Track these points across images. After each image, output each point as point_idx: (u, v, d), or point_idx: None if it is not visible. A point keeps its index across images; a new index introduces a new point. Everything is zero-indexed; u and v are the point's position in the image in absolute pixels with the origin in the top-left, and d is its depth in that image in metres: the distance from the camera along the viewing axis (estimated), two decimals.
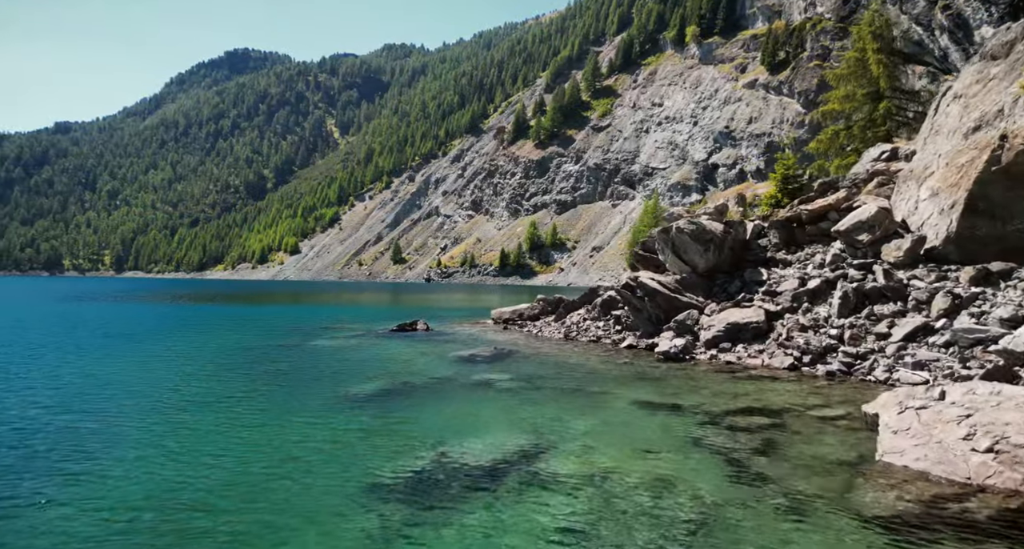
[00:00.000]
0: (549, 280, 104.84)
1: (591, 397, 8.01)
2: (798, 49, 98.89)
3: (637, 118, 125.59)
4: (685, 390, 8.45)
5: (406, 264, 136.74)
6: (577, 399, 7.91)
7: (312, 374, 10.03)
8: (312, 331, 17.45)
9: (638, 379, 9.38)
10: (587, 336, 14.48)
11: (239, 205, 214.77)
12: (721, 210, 14.44)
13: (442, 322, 20.60)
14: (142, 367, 10.95)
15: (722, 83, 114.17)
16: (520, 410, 7.18)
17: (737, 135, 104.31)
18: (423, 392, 8.38)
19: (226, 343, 14.45)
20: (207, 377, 9.86)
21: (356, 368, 10.67)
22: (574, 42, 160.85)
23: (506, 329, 17.73)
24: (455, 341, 14.95)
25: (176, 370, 10.57)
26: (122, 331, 17.75)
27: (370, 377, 9.66)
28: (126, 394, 8.49)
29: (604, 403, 7.63)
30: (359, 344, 14.23)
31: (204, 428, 6.59)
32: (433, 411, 7.18)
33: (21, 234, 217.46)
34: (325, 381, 9.35)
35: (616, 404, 7.55)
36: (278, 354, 12.56)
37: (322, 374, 10.03)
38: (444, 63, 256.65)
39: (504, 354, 12.38)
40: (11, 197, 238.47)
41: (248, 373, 10.21)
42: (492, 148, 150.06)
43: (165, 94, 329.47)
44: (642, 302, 12.94)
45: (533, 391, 8.48)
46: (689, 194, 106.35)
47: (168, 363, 11.37)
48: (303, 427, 6.55)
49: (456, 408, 7.32)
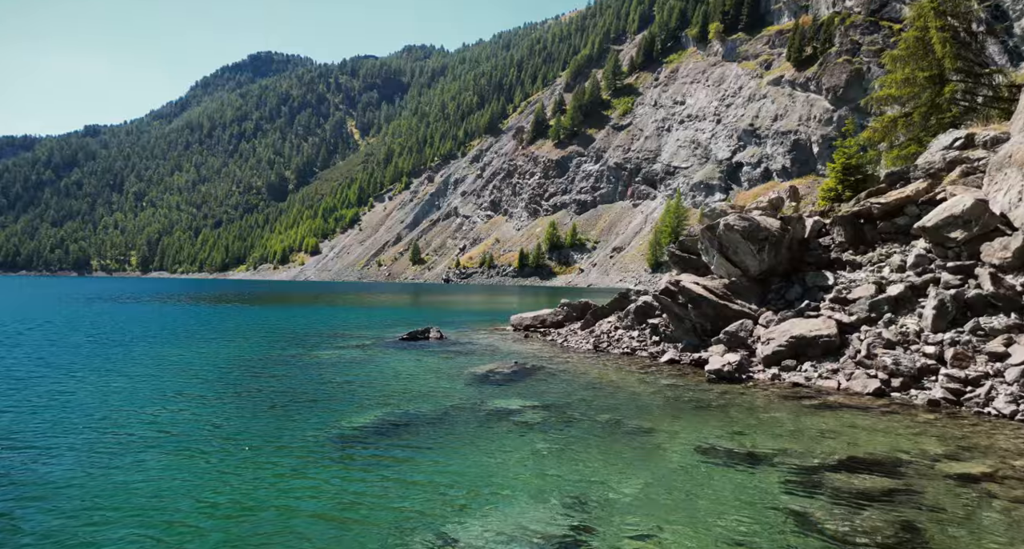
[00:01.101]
0: (569, 281, 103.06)
1: (639, 438, 6.30)
2: (826, 44, 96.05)
3: (659, 116, 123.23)
4: (755, 427, 6.70)
5: (425, 265, 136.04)
6: (621, 441, 6.22)
7: (304, 399, 8.46)
8: (318, 339, 15.92)
9: (691, 408, 7.67)
10: (620, 348, 12.84)
11: (261, 206, 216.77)
12: (775, 204, 12.56)
13: (458, 328, 19.05)
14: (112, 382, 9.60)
15: (746, 80, 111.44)
16: (550, 461, 5.52)
17: (762, 133, 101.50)
18: (427, 430, 6.74)
19: (222, 353, 13.02)
20: (184, 400, 8.42)
21: (355, 391, 9.05)
22: (594, 41, 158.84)
23: (527, 338, 16.04)
24: (470, 352, 13.34)
25: (152, 389, 9.14)
26: (115, 336, 16.54)
27: (368, 404, 8.09)
28: (74, 421, 7.09)
29: (657, 449, 5.92)
30: (364, 357, 12.66)
31: (147, 480, 5.12)
32: (437, 462, 5.57)
33: (51, 235, 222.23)
34: (317, 410, 7.80)
35: (672, 451, 5.83)
36: (274, 369, 11.05)
37: (315, 399, 8.46)
38: (463, 64, 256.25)
39: (526, 371, 10.89)
40: (42, 199, 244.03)
41: (234, 396, 8.75)
42: (511, 148, 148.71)
43: (190, 97, 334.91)
44: (684, 310, 11.23)
45: (564, 427, 6.82)
46: (712, 193, 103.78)
47: (148, 379, 9.97)
48: (270, 487, 5.01)
49: (466, 459, 5.67)
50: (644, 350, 12.32)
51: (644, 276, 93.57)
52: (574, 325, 15.71)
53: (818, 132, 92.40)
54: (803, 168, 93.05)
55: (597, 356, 12.63)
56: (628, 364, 11.57)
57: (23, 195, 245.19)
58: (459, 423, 6.98)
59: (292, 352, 13.28)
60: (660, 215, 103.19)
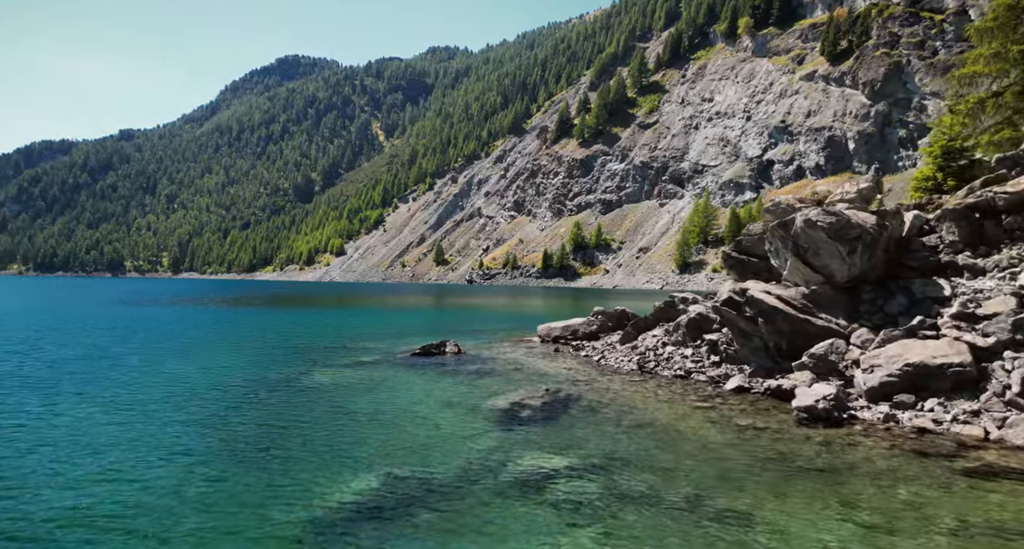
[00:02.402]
0: (593, 282, 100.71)
1: (731, 535, 4.26)
2: (862, 37, 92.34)
3: (686, 114, 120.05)
4: (897, 515, 4.48)
5: (448, 265, 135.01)
6: (709, 539, 4.22)
7: (279, 453, 6.41)
8: (323, 352, 14.09)
9: (791, 473, 5.52)
10: (671, 369, 10.93)
11: (288, 208, 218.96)
12: (867, 195, 10.09)
13: (478, 338, 17.03)
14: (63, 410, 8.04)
15: (777, 76, 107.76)
16: None
17: (794, 130, 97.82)
18: (428, 516, 4.76)
19: (209, 374, 11.20)
20: (137, 442, 6.70)
21: (344, 439, 7.07)
22: (619, 39, 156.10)
23: (557, 352, 14.07)
24: (492, 373, 11.41)
25: (93, 433, 7.21)
26: (110, 347, 15.12)
27: (357, 464, 5.99)
28: None
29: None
30: (368, 380, 10.72)
31: None
32: None
33: (87, 237, 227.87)
34: (290, 474, 5.76)
35: None
36: (261, 397, 9.26)
37: (292, 455, 6.34)
38: (487, 64, 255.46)
39: (560, 404, 9.00)
40: (78, 201, 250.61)
41: (201, 436, 6.95)
42: (535, 148, 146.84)
43: (220, 101, 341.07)
44: (752, 325, 9.22)
45: (621, 510, 4.76)
46: (742, 192, 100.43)
47: (101, 411, 8.20)
48: None
49: None
50: (701, 372, 10.31)
51: (671, 277, 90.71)
52: (611, 338, 13.68)
53: (854, 128, 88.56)
54: (838, 165, 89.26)
55: (644, 379, 10.71)
56: (684, 392, 9.55)
57: (60, 198, 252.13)
58: (472, 502, 4.95)
59: (288, 372, 11.47)
60: (688, 214, 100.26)
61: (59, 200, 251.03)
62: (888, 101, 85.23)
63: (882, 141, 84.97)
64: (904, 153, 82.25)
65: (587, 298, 55.87)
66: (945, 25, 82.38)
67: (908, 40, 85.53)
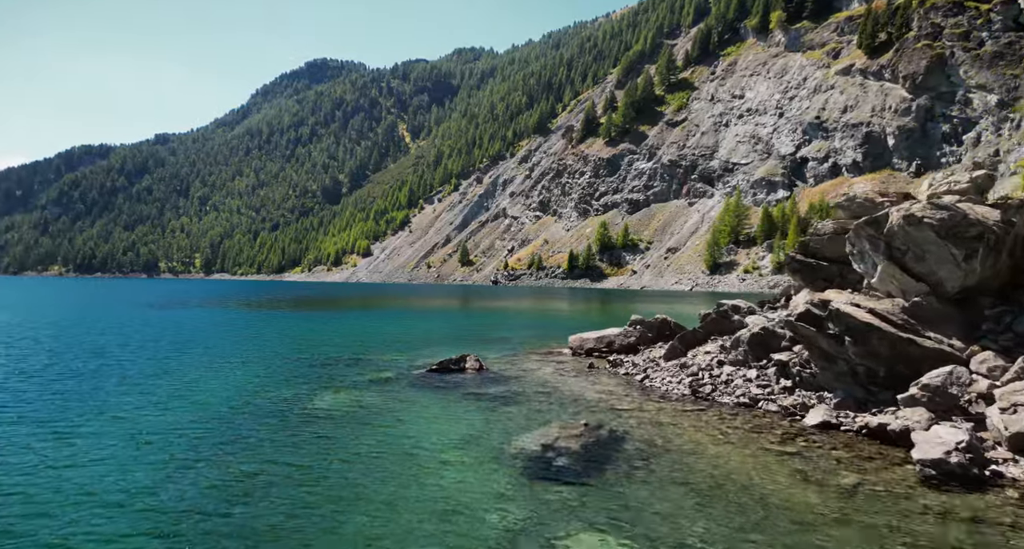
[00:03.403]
0: (620, 283, 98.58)
1: None
2: (902, 29, 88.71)
3: (716, 111, 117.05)
4: None
5: (473, 266, 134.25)
6: None
7: (243, 529, 4.90)
8: (334, 367, 12.64)
9: None
10: (731, 395, 9.26)
11: (316, 209, 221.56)
12: (983, 185, 8.22)
13: (502, 349, 15.49)
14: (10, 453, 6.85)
15: (811, 70, 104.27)
16: None
17: (829, 126, 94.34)
18: None
19: (203, 395, 9.87)
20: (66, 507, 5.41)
21: (332, 504, 5.45)
22: (647, 36, 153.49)
23: (592, 368, 12.40)
24: (518, 398, 9.81)
25: (30, 484, 6.06)
26: (111, 360, 14.14)
27: (348, 541, 4.77)
28: None
29: None
30: (374, 406, 9.19)
31: None
32: None
33: (123, 239, 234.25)
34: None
35: None
36: (243, 433, 7.82)
37: (254, 533, 4.87)
38: (513, 64, 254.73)
39: (605, 446, 7.33)
40: (116, 204, 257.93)
41: (153, 498, 5.58)
42: (560, 147, 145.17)
43: (251, 104, 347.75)
44: (837, 345, 7.62)
45: None
46: (775, 190, 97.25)
47: (51, 449, 7.03)
48: None
49: None
50: (771, 400, 8.65)
51: (701, 278, 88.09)
52: (652, 351, 12.05)
53: (894, 123, 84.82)
54: (877, 162, 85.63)
55: (700, 408, 9.06)
56: (755, 427, 7.91)
57: (99, 201, 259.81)
58: None
59: (288, 394, 10.01)
60: (718, 214, 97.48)
61: (97, 203, 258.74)
62: (930, 95, 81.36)
63: (924, 136, 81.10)
64: (948, 149, 78.30)
65: (615, 300, 54.06)
66: (992, 15, 78.02)
67: (952, 31, 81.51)
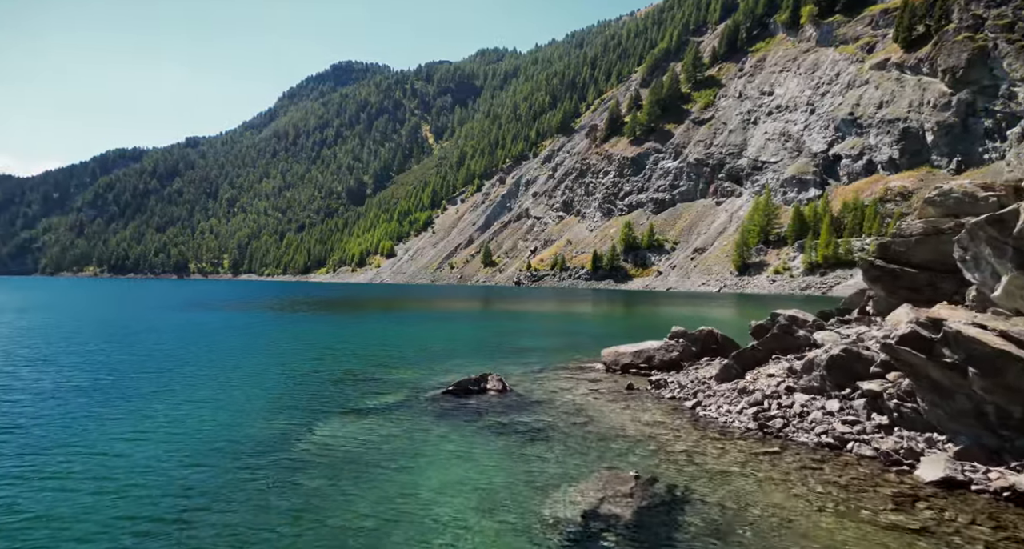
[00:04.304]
0: (646, 284, 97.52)
1: None
2: (941, 21, 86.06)
3: (744, 109, 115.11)
4: None
5: (496, 267, 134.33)
6: None
7: None
8: (343, 385, 11.47)
9: None
10: (809, 432, 7.82)
11: (341, 210, 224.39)
12: None
13: (528, 362, 14.30)
14: None
15: (844, 65, 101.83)
16: None
17: (864, 122, 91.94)
18: None
19: (189, 420, 8.74)
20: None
21: None
22: (672, 33, 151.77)
23: (631, 390, 10.99)
24: (548, 433, 8.31)
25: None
26: (108, 375, 14.17)
27: None
28: None
29: None
30: (380, 444, 7.79)
31: None
32: None
33: (155, 240, 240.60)
34: None
35: None
36: (218, 484, 6.60)
37: None
38: (536, 64, 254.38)
39: (664, 511, 6.00)
40: (148, 206, 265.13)
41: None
42: (584, 147, 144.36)
43: (278, 107, 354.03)
44: (957, 377, 6.64)
45: None
46: (806, 189, 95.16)
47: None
48: None
49: None
50: (863, 441, 7.31)
51: (729, 279, 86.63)
52: (700, 370, 11.20)
53: (933, 118, 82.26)
54: (914, 159, 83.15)
55: (772, 449, 7.55)
56: (850, 481, 6.62)
57: (132, 203, 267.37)
58: None
59: (284, 424, 8.71)
60: (747, 213, 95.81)
61: (130, 205, 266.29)
62: (972, 89, 78.73)
63: (965, 132, 78.44)
64: (991, 145, 75.60)
65: (642, 302, 53.44)
66: None
67: (995, 22, 78.79)
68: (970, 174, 75.06)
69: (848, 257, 74.03)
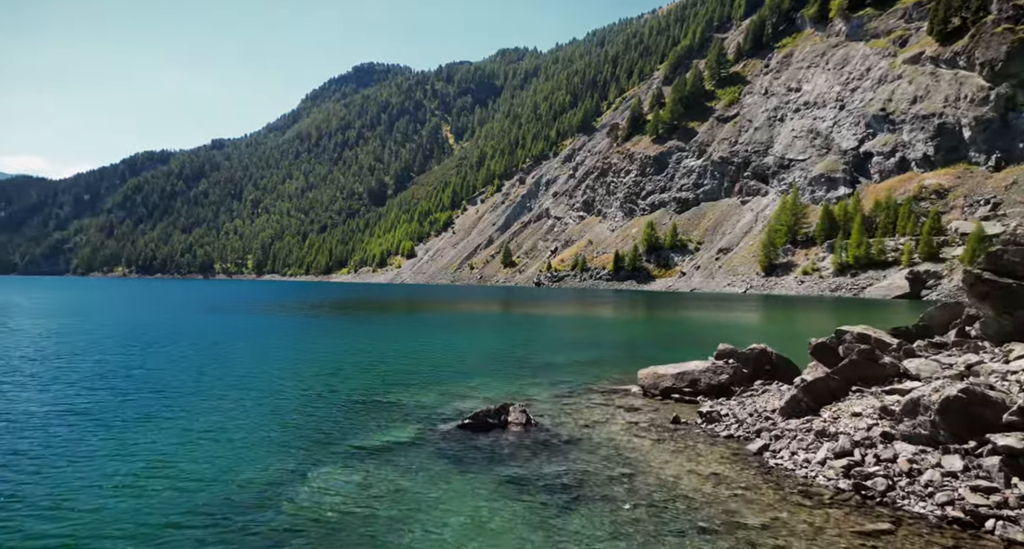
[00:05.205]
0: (668, 285, 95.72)
1: None
2: (979, 13, 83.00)
3: (770, 105, 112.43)
4: None
5: (516, 267, 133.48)
6: None
7: None
8: (340, 416, 9.65)
9: None
10: (927, 501, 5.97)
11: (362, 211, 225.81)
12: None
13: (553, 383, 12.50)
14: None
15: (876, 60, 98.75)
16: None
17: (896, 118, 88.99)
18: None
19: (158, 471, 7.02)
20: None
21: None
22: (695, 30, 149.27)
23: (678, 423, 9.28)
24: (584, 493, 6.62)
25: None
26: (87, 397, 13.62)
27: None
28: None
29: None
30: (380, 501, 6.39)
31: None
32: None
33: (181, 241, 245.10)
34: None
35: None
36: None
37: None
38: (556, 63, 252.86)
39: None
40: (174, 208, 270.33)
41: None
42: (605, 146, 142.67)
43: (301, 109, 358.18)
44: None
45: None
46: (835, 187, 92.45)
47: None
48: None
49: None
50: (1008, 519, 5.44)
51: (756, 280, 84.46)
52: (758, 400, 9.39)
53: (970, 114, 79.21)
54: (950, 156, 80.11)
55: (881, 527, 5.62)
56: None
57: (159, 204, 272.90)
58: None
59: (275, 470, 7.17)
60: (773, 212, 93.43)
61: (158, 207, 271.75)
62: (1012, 83, 75.62)
63: (1005, 127, 75.30)
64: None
65: (667, 304, 52.11)
66: None
67: None
68: (1010, 171, 71.95)
69: (881, 257, 71.48)
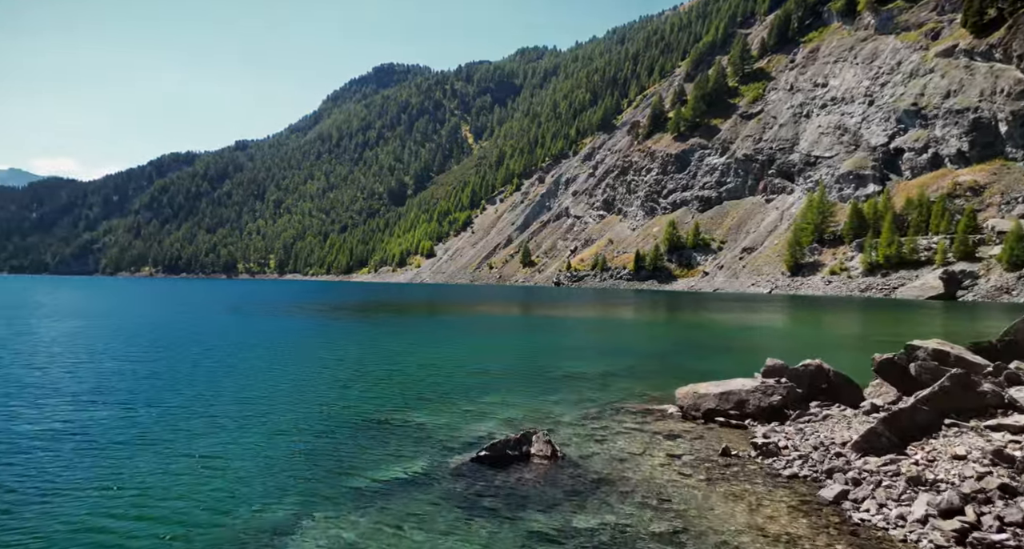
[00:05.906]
0: (691, 285, 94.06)
1: None
2: (1016, 4, 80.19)
3: (795, 101, 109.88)
4: None
5: (535, 267, 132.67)
6: None
7: None
8: (341, 445, 8.19)
9: None
10: None
11: (382, 211, 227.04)
12: None
13: (579, 403, 10.97)
14: None
15: (906, 54, 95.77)
16: None
17: (929, 113, 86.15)
18: None
19: (148, 509, 6.46)
20: None
21: None
22: (718, 26, 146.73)
23: (728, 457, 7.73)
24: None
25: None
26: (70, 410, 13.25)
27: None
28: None
29: None
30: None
31: None
32: None
33: (206, 241, 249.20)
34: None
35: None
36: None
37: None
38: (576, 62, 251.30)
39: None
40: (199, 208, 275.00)
41: None
42: (625, 144, 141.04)
43: (323, 110, 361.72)
44: None
45: None
46: (864, 185, 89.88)
47: None
48: None
49: None
50: None
51: (781, 280, 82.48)
52: (822, 428, 7.82)
53: (1007, 108, 76.37)
54: (986, 152, 77.28)
55: None
56: None
57: (184, 205, 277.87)
58: None
59: (272, 512, 6.00)
60: (799, 211, 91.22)
61: (183, 207, 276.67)
62: None
63: None
64: None
65: (691, 305, 50.88)
66: None
67: None
68: None
69: (913, 256, 69.13)
